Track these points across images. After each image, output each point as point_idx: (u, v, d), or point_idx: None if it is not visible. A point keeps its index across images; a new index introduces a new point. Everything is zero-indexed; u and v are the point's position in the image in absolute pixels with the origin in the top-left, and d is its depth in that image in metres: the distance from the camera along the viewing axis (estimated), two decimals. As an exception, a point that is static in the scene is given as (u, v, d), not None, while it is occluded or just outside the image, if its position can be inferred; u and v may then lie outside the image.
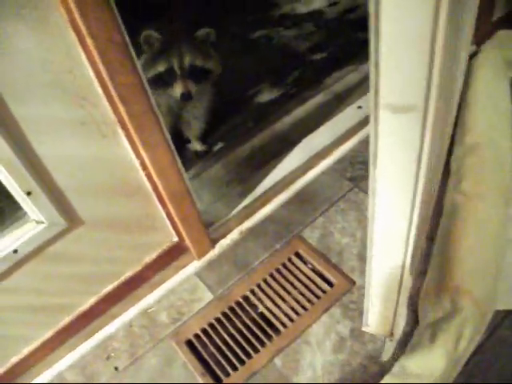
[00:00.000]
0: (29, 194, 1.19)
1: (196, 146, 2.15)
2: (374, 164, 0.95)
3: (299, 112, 2.18)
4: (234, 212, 1.79)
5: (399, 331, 1.44)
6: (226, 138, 2.18)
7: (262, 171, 1.91)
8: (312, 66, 2.50)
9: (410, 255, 1.16)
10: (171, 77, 1.79)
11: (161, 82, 1.81)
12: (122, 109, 1.19)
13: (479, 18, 2.14)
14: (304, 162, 1.93)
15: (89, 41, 1.07)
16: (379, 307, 1.40)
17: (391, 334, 1.44)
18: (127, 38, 1.13)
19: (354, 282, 1.60)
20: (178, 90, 1.79)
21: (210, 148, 2.16)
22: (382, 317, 1.42)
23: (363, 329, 1.50)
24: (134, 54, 1.16)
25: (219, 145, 2.15)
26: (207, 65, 1.84)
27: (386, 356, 1.44)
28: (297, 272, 1.67)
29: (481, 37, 2.22)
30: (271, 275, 1.67)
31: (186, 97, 1.80)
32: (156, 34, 1.74)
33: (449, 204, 1.66)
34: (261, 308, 1.60)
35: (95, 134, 1.23)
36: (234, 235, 1.79)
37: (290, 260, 1.70)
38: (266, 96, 2.36)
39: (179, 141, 2.12)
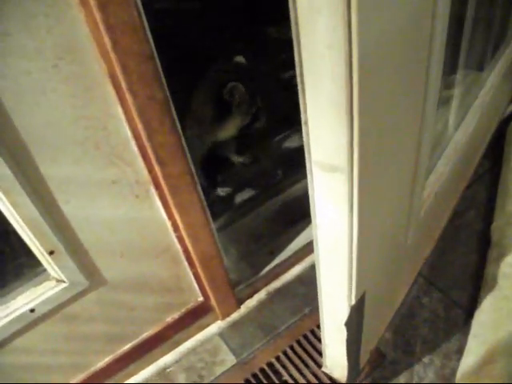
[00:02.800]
0: (51, 253, 1.11)
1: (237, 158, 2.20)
2: (314, 216, 0.95)
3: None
4: (263, 272, 1.69)
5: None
6: (254, 185, 2.09)
7: (294, 228, 1.81)
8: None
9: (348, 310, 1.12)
10: None
11: None
12: (157, 169, 1.11)
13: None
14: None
15: (128, 97, 0.99)
16: (331, 350, 1.35)
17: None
18: (168, 95, 1.05)
19: (384, 356, 1.49)
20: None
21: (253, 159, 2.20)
22: (336, 360, 1.37)
23: (322, 369, 1.45)
24: (174, 111, 1.08)
25: (248, 192, 2.05)
26: None
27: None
28: (326, 340, 1.56)
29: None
30: (298, 342, 1.56)
31: None
32: (241, 85, 1.73)
33: (490, 277, 1.56)
34: (285, 376, 1.50)
35: (127, 193, 1.15)
36: (260, 295, 1.68)
37: (318, 326, 1.58)
38: (296, 142, 2.26)
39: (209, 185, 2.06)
